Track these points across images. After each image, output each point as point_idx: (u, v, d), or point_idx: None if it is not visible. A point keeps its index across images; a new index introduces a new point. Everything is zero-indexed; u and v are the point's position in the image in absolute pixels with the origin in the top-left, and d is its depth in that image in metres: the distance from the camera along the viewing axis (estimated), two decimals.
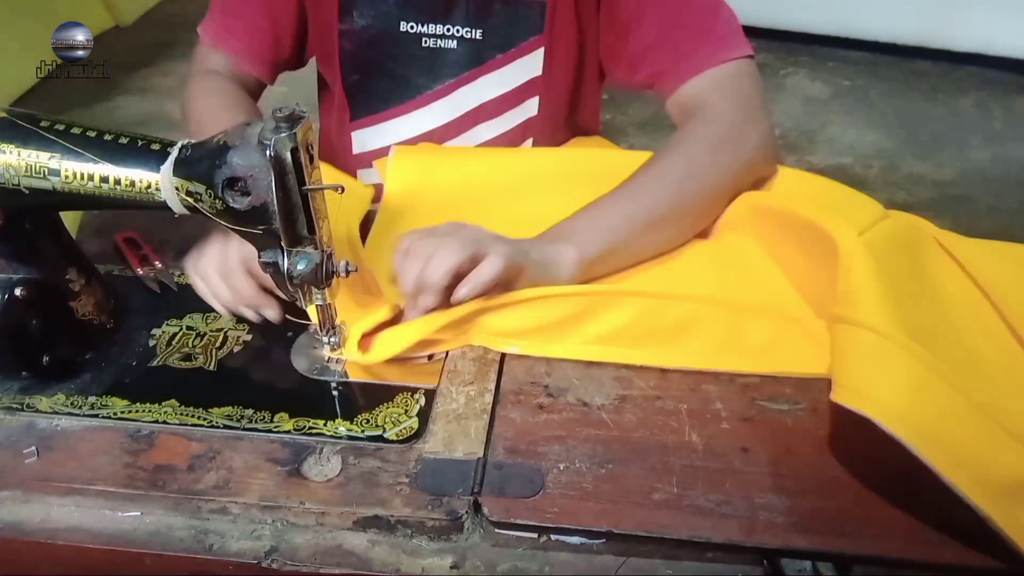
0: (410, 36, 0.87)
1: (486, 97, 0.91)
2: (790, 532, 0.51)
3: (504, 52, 0.88)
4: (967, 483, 0.47)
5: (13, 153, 0.55)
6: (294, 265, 0.54)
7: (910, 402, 0.49)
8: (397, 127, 0.93)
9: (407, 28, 0.87)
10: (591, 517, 0.52)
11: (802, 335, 0.64)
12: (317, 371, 0.63)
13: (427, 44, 0.87)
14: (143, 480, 0.55)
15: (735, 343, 0.64)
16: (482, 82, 0.90)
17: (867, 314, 0.54)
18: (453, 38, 0.87)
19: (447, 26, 0.86)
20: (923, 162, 2.18)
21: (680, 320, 0.64)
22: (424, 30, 0.87)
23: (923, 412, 0.49)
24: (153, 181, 0.55)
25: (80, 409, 0.60)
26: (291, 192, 0.52)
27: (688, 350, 0.63)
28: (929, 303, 0.63)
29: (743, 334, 0.64)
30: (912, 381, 0.50)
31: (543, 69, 0.89)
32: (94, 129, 0.56)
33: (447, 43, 0.87)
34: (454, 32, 0.87)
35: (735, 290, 0.67)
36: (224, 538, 0.52)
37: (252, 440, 0.57)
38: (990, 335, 0.64)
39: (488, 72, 0.89)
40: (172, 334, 0.67)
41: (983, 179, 2.09)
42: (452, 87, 0.90)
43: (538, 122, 0.93)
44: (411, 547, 0.52)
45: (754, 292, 0.68)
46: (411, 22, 0.86)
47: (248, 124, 0.53)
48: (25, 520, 0.54)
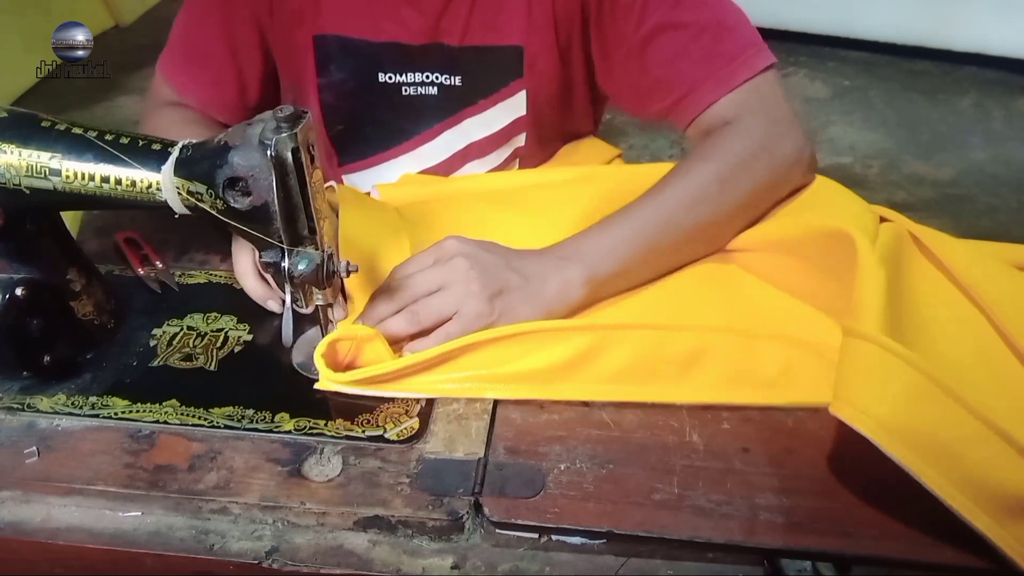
0: (389, 86, 0.86)
1: (473, 138, 0.89)
2: (790, 532, 0.51)
3: (486, 96, 0.86)
4: (967, 504, 0.46)
5: (14, 153, 0.55)
6: (295, 265, 0.54)
7: (908, 419, 0.48)
8: (386, 171, 0.92)
9: (385, 79, 0.85)
10: (592, 517, 0.52)
11: (815, 360, 0.60)
12: (318, 371, 0.63)
13: (407, 92, 0.86)
14: (143, 480, 0.55)
15: (746, 374, 0.60)
16: (467, 124, 0.89)
17: (871, 325, 0.53)
18: (433, 84, 0.86)
19: (425, 74, 0.85)
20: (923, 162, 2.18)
21: (687, 352, 0.60)
22: (403, 79, 0.85)
23: (922, 429, 0.48)
24: (154, 181, 0.55)
25: (81, 409, 0.60)
26: (292, 192, 0.52)
27: (697, 384, 0.60)
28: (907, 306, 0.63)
29: (754, 363, 0.60)
30: (913, 396, 0.48)
31: (527, 109, 0.88)
32: (94, 129, 0.56)
33: (428, 89, 0.86)
34: (433, 79, 0.85)
35: (743, 316, 0.65)
36: (225, 538, 0.52)
37: (253, 440, 0.57)
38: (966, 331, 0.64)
39: (473, 115, 0.88)
40: (173, 334, 0.67)
41: (983, 179, 2.09)
42: (438, 131, 0.89)
43: (527, 153, 0.92)
44: (412, 547, 0.52)
45: (762, 316, 0.65)
46: (388, 73, 0.85)
47: (249, 124, 0.53)
48: (25, 520, 0.54)
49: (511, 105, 0.87)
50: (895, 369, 0.49)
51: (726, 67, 0.74)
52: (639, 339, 0.60)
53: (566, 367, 0.59)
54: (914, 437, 0.47)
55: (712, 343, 0.61)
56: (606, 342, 0.60)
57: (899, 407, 0.48)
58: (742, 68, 0.74)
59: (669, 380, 0.60)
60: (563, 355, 0.59)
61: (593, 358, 0.59)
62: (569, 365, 0.59)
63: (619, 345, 0.60)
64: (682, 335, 0.61)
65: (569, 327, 0.60)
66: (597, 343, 0.59)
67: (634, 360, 0.60)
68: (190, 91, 0.86)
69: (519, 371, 0.59)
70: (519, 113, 0.88)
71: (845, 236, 0.61)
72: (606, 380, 0.59)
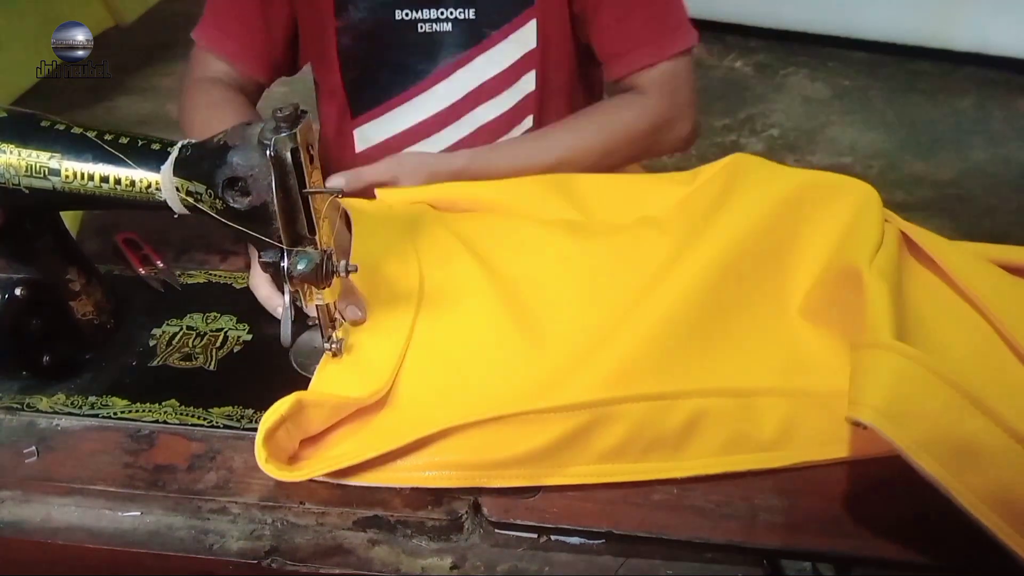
0: (406, 23, 0.88)
1: (485, 77, 0.92)
2: (790, 533, 0.51)
3: (498, 28, 0.89)
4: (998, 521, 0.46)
5: (13, 153, 0.55)
6: (294, 265, 0.54)
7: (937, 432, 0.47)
8: (400, 116, 0.94)
9: (402, 16, 0.88)
10: (591, 517, 0.52)
11: (817, 410, 0.57)
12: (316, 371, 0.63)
13: (423, 29, 0.89)
14: (143, 480, 0.55)
15: (744, 438, 0.56)
16: (479, 62, 0.91)
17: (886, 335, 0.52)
18: (448, 20, 0.89)
19: (440, 9, 0.88)
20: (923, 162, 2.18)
21: (683, 422, 0.55)
22: (419, 16, 0.88)
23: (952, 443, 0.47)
24: (153, 181, 0.55)
25: (80, 409, 0.60)
26: (291, 192, 0.52)
27: (694, 455, 0.55)
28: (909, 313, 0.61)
29: (754, 423, 0.56)
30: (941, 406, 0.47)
31: (537, 41, 0.90)
32: (94, 129, 0.56)
33: (442, 26, 0.89)
34: (447, 14, 0.88)
35: (740, 368, 0.60)
36: (224, 538, 0.52)
37: (252, 440, 0.57)
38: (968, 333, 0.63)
39: (484, 51, 0.90)
40: (172, 334, 0.67)
41: (983, 179, 2.09)
42: (450, 69, 0.91)
43: (537, 97, 0.94)
44: (411, 547, 0.52)
45: (759, 367, 0.61)
46: (405, 9, 0.88)
47: (248, 124, 0.53)
48: (25, 520, 0.54)
49: (522, 37, 0.89)
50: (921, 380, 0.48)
51: (669, 34, 0.86)
52: (633, 413, 0.54)
53: (555, 450, 0.53)
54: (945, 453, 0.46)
55: (708, 407, 0.56)
56: (599, 420, 0.54)
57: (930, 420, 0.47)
58: (679, 39, 0.86)
59: (665, 456, 0.55)
60: (552, 437, 0.53)
61: (585, 439, 0.54)
62: (559, 448, 0.53)
63: (613, 422, 0.54)
64: (677, 404, 0.55)
65: (559, 408, 0.53)
66: (589, 422, 0.53)
67: (628, 437, 0.54)
68: (218, 43, 0.89)
69: (505, 458, 0.53)
70: (530, 46, 0.90)
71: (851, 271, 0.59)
72: (598, 461, 0.54)
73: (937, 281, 0.68)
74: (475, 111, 0.94)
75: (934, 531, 0.50)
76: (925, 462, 0.46)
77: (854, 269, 0.60)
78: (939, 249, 0.69)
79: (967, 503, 0.46)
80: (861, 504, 0.52)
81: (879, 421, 0.46)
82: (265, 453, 0.52)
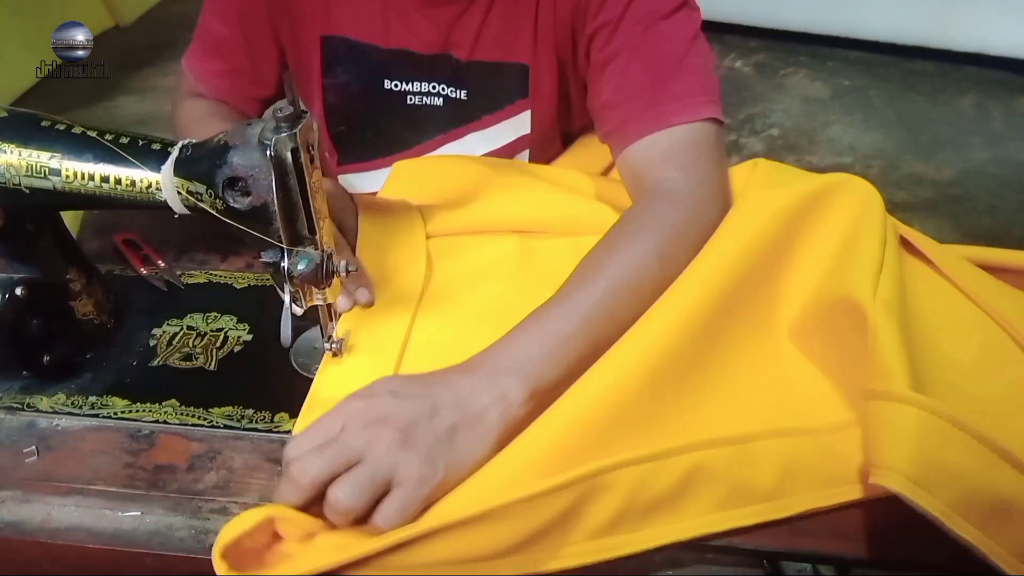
0: (394, 93, 0.85)
1: (475, 152, 0.89)
2: (790, 534, 0.51)
3: (491, 113, 0.86)
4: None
5: (13, 153, 0.55)
6: (294, 265, 0.54)
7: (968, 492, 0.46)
8: (383, 176, 0.89)
9: (391, 86, 0.85)
10: None
11: (815, 449, 0.54)
12: (317, 371, 0.63)
13: (412, 101, 0.86)
14: (143, 480, 0.55)
15: (743, 490, 0.52)
16: (470, 139, 0.88)
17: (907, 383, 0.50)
18: (439, 96, 0.85)
19: (432, 84, 0.85)
20: (923, 162, 2.18)
21: (678, 480, 0.51)
22: (408, 88, 0.85)
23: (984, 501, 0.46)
24: (154, 181, 0.55)
25: (80, 409, 0.60)
26: (291, 192, 0.52)
27: (691, 514, 0.51)
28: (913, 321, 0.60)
29: (751, 473, 0.52)
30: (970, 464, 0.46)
31: (531, 128, 0.87)
32: (94, 129, 0.56)
33: (433, 100, 0.86)
34: (439, 91, 0.85)
35: (732, 414, 0.56)
36: None
37: (252, 440, 0.58)
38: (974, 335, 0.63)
39: (477, 129, 0.87)
40: (172, 334, 0.67)
41: (983, 179, 2.09)
42: (439, 142, 0.89)
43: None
44: None
45: (752, 409, 0.57)
46: (395, 80, 0.85)
47: (249, 124, 0.53)
48: (25, 520, 0.54)
49: (516, 124, 0.87)
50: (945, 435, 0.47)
51: (668, 104, 0.69)
52: (626, 479, 0.50)
53: (547, 533, 0.48)
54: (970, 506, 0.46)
55: (704, 460, 0.51)
56: (591, 493, 0.49)
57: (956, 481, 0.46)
58: (683, 110, 0.69)
59: (663, 520, 0.51)
60: (542, 520, 0.47)
61: (576, 517, 0.49)
62: (550, 530, 0.48)
63: (605, 492, 0.49)
64: (671, 462, 0.51)
65: (548, 489, 0.47)
66: (580, 497, 0.48)
67: (624, 507, 0.49)
68: (207, 83, 0.87)
69: (497, 549, 0.47)
70: (523, 132, 0.88)
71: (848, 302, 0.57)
72: (594, 536, 0.49)
73: (936, 279, 0.68)
74: None
75: (934, 531, 0.50)
76: (959, 526, 0.45)
77: (852, 301, 0.57)
78: (934, 252, 0.69)
79: (1003, 563, 0.45)
80: (861, 505, 0.52)
81: (908, 488, 0.45)
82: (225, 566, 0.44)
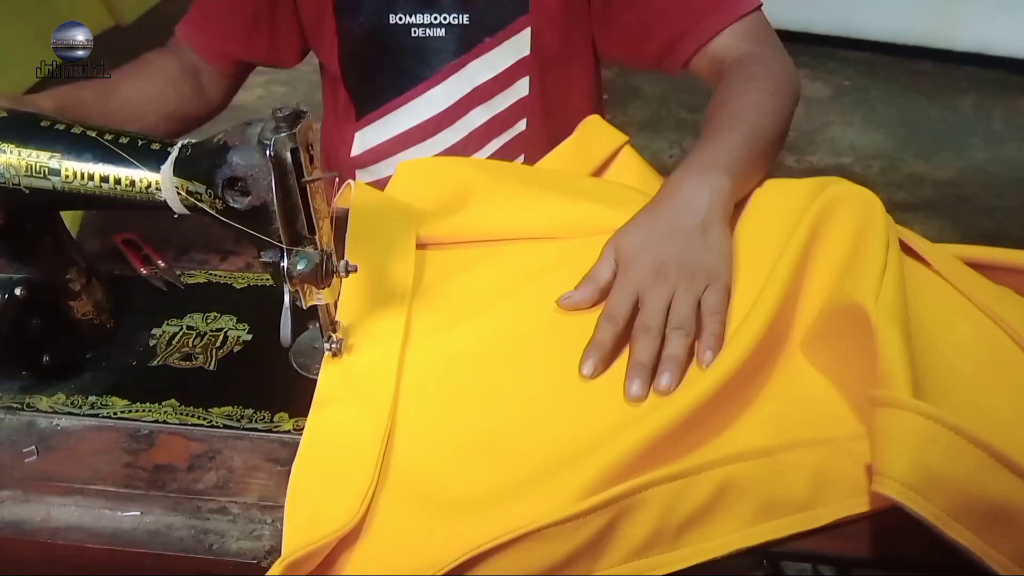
0: (399, 27, 0.90)
1: (478, 81, 0.93)
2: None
3: (492, 35, 0.90)
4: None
5: (13, 153, 0.55)
6: (294, 265, 0.54)
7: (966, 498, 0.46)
8: (397, 120, 0.95)
9: (396, 20, 0.89)
10: None
11: (843, 458, 0.53)
12: (317, 371, 0.63)
13: (416, 34, 0.90)
14: (143, 480, 0.55)
15: (776, 503, 0.51)
16: (473, 67, 0.92)
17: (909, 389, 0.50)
18: (441, 26, 0.89)
19: (434, 14, 0.89)
20: (923, 162, 2.18)
21: (711, 494, 0.51)
22: (412, 20, 0.89)
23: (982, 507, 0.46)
24: (153, 181, 0.55)
25: (80, 409, 0.60)
26: (291, 192, 0.52)
27: (726, 528, 0.51)
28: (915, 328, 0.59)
29: (783, 485, 0.52)
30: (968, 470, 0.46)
31: (531, 48, 0.91)
32: (94, 129, 0.56)
33: (435, 31, 0.90)
34: (441, 19, 0.89)
35: (760, 428, 0.56)
36: (224, 538, 0.52)
37: (252, 440, 0.58)
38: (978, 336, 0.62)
39: (478, 56, 0.91)
40: (172, 334, 0.67)
41: (983, 179, 2.09)
42: (445, 74, 0.92)
43: (530, 103, 0.94)
44: None
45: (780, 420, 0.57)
46: (399, 14, 0.89)
47: (248, 124, 0.53)
48: (25, 520, 0.54)
49: (516, 44, 0.90)
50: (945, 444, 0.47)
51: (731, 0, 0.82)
52: (658, 497, 0.50)
53: (582, 555, 0.48)
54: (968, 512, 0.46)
55: (734, 475, 0.51)
56: (624, 513, 0.49)
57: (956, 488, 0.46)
58: (744, 2, 0.82)
59: (698, 537, 0.50)
60: (577, 542, 0.48)
61: (612, 537, 0.49)
62: (585, 551, 0.48)
63: (638, 511, 0.49)
64: (701, 478, 0.51)
65: (581, 512, 0.48)
66: (615, 518, 0.49)
67: (658, 525, 0.49)
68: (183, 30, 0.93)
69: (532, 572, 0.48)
70: (523, 53, 0.91)
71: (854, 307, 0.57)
72: (630, 557, 0.49)
73: (936, 279, 0.68)
74: (469, 115, 0.95)
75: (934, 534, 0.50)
76: (956, 532, 0.45)
77: (857, 305, 0.56)
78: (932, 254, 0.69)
79: (1000, 567, 0.45)
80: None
81: (905, 495, 0.45)
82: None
